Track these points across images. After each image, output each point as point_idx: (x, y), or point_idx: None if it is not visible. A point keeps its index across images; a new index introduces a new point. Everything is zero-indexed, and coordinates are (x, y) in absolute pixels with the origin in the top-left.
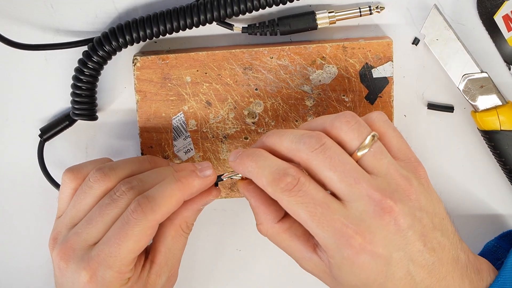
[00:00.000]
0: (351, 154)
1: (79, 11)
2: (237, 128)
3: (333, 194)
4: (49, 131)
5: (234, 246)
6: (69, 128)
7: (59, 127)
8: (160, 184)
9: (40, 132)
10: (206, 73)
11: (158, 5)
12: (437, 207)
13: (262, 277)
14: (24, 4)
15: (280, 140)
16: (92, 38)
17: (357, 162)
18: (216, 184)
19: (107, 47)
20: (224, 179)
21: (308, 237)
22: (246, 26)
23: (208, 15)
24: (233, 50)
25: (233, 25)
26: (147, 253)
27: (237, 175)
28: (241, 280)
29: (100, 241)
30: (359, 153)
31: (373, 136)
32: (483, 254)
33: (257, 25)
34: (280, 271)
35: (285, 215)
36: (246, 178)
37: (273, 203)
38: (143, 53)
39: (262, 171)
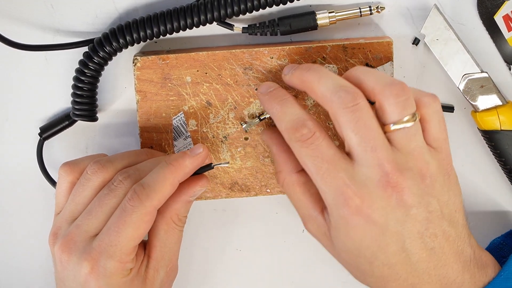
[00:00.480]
0: (384, 124)
1: (79, 11)
2: (237, 128)
3: (348, 153)
4: (48, 130)
5: (234, 246)
6: (69, 128)
7: (59, 127)
8: (153, 171)
9: (39, 131)
10: (206, 73)
11: (158, 5)
12: (453, 199)
13: (262, 277)
14: (24, 4)
15: (318, 82)
16: (93, 39)
17: (386, 133)
18: (205, 169)
19: (107, 48)
20: (213, 167)
21: (319, 198)
22: (246, 26)
23: (209, 15)
24: (234, 50)
25: (233, 25)
26: (145, 249)
27: (226, 163)
28: (241, 280)
29: (101, 231)
30: (393, 127)
31: (414, 115)
32: (488, 251)
33: (258, 25)
34: (280, 271)
35: (304, 170)
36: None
37: (293, 154)
38: (143, 53)
39: (284, 116)
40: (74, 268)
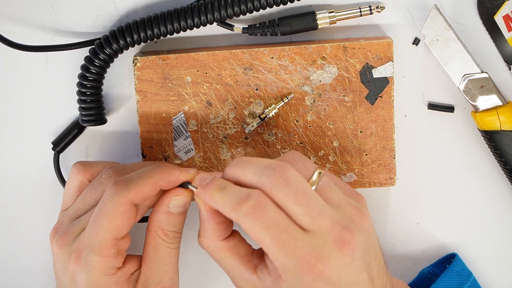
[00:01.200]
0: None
1: (79, 12)
2: (237, 128)
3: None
4: (61, 143)
5: None
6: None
7: (70, 136)
8: (141, 169)
9: (52, 146)
10: (206, 73)
11: (158, 6)
12: (375, 238)
13: None
14: (24, 5)
15: (243, 172)
16: (93, 39)
17: None
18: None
19: (108, 50)
20: (188, 186)
21: (249, 258)
22: (247, 26)
23: (209, 16)
24: (234, 50)
25: (234, 25)
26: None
27: (194, 188)
28: None
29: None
30: (313, 187)
31: (320, 172)
32: (418, 280)
33: (258, 25)
34: None
35: (231, 235)
36: None
37: (224, 221)
38: (143, 53)
39: (227, 198)
40: (63, 260)
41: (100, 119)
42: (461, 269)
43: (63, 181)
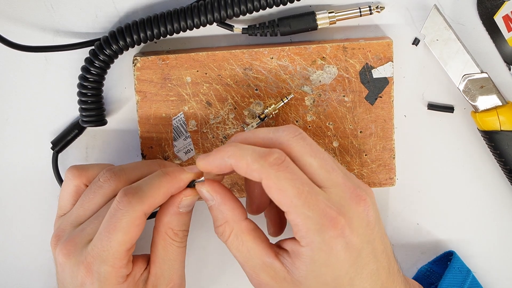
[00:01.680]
0: None
1: (79, 12)
2: (237, 128)
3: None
4: (60, 142)
5: None
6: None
7: (70, 137)
8: (147, 177)
9: (51, 145)
10: (206, 74)
11: (158, 6)
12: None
13: None
14: (24, 5)
15: (253, 134)
16: (93, 39)
17: None
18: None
19: (108, 51)
20: (195, 183)
21: (269, 244)
22: (246, 27)
23: (209, 17)
24: (233, 51)
25: (233, 26)
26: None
27: (201, 180)
28: (241, 280)
29: (94, 236)
30: None
31: None
32: (417, 278)
33: (257, 26)
34: None
35: (249, 219)
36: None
37: (238, 200)
38: (143, 53)
39: (246, 151)
40: (71, 270)
41: (100, 120)
42: (460, 266)
43: (61, 181)
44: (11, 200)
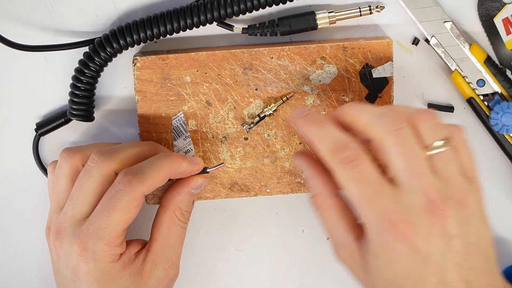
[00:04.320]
0: (421, 149)
1: (79, 12)
2: (237, 128)
3: (391, 178)
4: (44, 126)
5: (234, 246)
6: (69, 129)
7: (55, 124)
8: (150, 159)
9: (35, 127)
10: (206, 73)
11: (158, 6)
12: (486, 233)
13: (262, 277)
14: (24, 5)
15: (359, 113)
16: (92, 39)
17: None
18: (202, 173)
19: (108, 49)
20: (209, 171)
21: (355, 225)
22: (246, 26)
23: (208, 16)
24: (233, 50)
25: (233, 25)
26: (145, 243)
27: (221, 164)
28: (241, 280)
29: (90, 215)
30: (429, 152)
31: (447, 141)
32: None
33: (257, 25)
34: (280, 271)
35: (340, 196)
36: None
37: (329, 175)
38: (143, 53)
39: (325, 137)
40: (65, 252)
41: (88, 116)
42: None
43: (41, 164)
44: (10, 199)
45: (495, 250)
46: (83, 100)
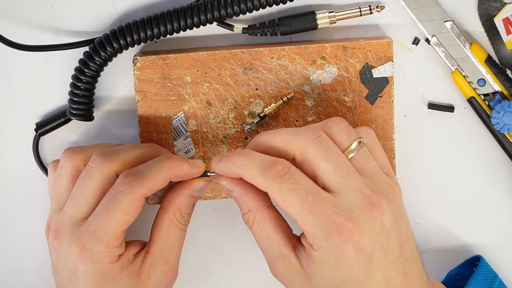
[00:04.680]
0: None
1: (79, 12)
2: (237, 128)
3: (324, 188)
4: (44, 126)
5: (234, 246)
6: (69, 128)
7: (55, 123)
8: (150, 161)
9: (35, 127)
10: (206, 73)
11: (158, 6)
12: (408, 223)
13: (262, 277)
14: (24, 5)
15: (274, 135)
16: (92, 39)
17: None
18: (202, 176)
19: (108, 48)
20: (209, 175)
21: (289, 235)
22: (246, 26)
23: (209, 16)
24: (233, 50)
25: (234, 25)
26: (144, 244)
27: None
28: (241, 280)
29: (90, 215)
30: (350, 154)
31: (360, 141)
32: (446, 282)
33: (257, 25)
34: None
35: (272, 207)
36: None
37: (260, 190)
38: (143, 53)
39: (252, 162)
40: (64, 252)
41: (87, 115)
42: (487, 271)
43: (41, 164)
44: (10, 199)
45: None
46: (82, 100)
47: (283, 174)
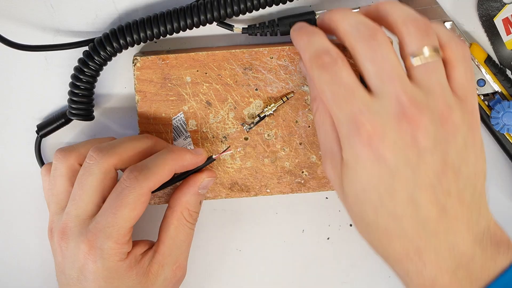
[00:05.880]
0: (404, 58)
1: (79, 11)
2: (237, 128)
3: (367, 87)
4: (45, 128)
5: (234, 246)
6: (69, 129)
7: (56, 124)
8: (154, 155)
9: (36, 129)
10: (206, 73)
11: (158, 6)
12: (474, 160)
13: (262, 277)
14: (24, 4)
15: (342, 19)
16: (92, 39)
17: (407, 70)
18: (206, 163)
19: (108, 48)
20: (215, 158)
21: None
22: (246, 26)
23: (208, 16)
24: (233, 50)
25: (233, 26)
26: (152, 244)
27: (228, 150)
28: (241, 280)
29: (97, 213)
30: (412, 60)
31: (436, 50)
32: None
33: (257, 25)
34: (280, 271)
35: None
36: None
37: None
38: (143, 53)
39: (310, 46)
40: (72, 252)
41: (87, 115)
42: None
43: (42, 164)
44: (10, 199)
45: (484, 181)
46: (82, 99)
47: (327, 65)
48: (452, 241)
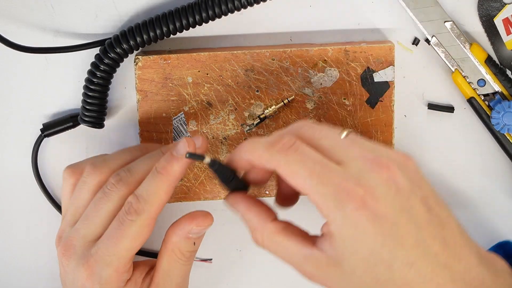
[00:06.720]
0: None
1: (79, 12)
2: (237, 129)
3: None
4: (51, 128)
5: (234, 246)
6: (71, 129)
7: (62, 127)
8: (145, 181)
9: (42, 127)
10: (207, 74)
11: (158, 6)
12: (431, 188)
13: (262, 277)
14: (24, 5)
15: (268, 137)
16: (95, 41)
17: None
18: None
19: (118, 49)
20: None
21: (305, 235)
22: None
23: (217, 10)
24: (235, 51)
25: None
26: (153, 265)
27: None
28: (241, 280)
29: (99, 239)
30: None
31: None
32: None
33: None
34: (280, 271)
35: (277, 219)
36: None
37: (264, 206)
38: (144, 52)
39: (258, 143)
40: (72, 272)
41: (99, 123)
42: None
43: (36, 165)
44: (10, 199)
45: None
46: (95, 108)
47: (288, 146)
48: (462, 269)
